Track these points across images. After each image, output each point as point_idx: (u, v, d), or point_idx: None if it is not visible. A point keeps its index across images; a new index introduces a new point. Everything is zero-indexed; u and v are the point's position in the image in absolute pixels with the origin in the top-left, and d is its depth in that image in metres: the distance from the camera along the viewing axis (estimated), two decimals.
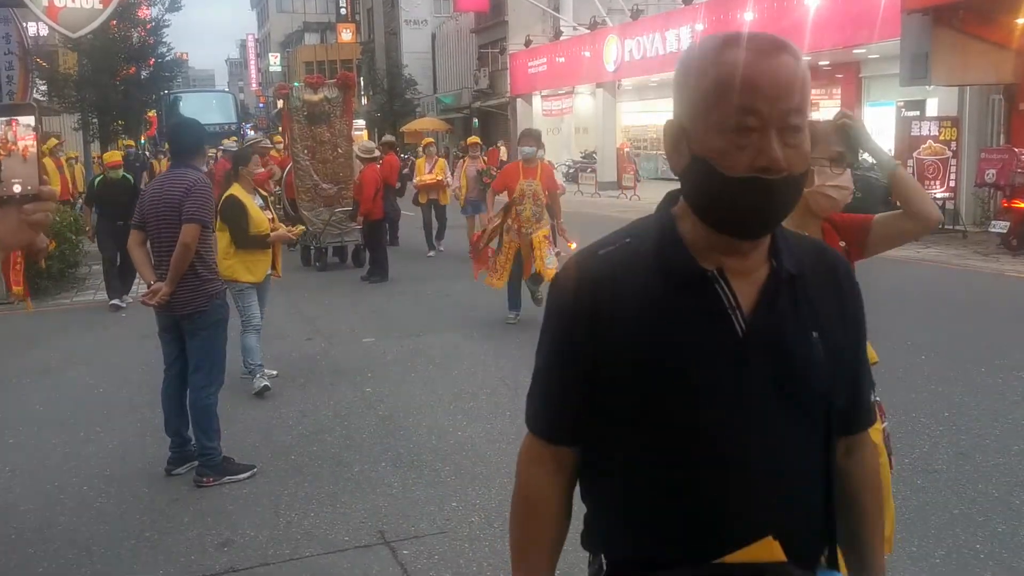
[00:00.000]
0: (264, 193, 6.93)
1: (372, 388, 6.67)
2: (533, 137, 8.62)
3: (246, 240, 6.24)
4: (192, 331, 4.97)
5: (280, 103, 13.57)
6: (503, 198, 8.97)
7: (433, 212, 14.21)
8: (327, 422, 5.87)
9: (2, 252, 1.40)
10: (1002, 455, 5.00)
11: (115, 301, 10.22)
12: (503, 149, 29.01)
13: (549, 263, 8.30)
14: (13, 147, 1.34)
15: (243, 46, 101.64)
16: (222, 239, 6.16)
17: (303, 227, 6.51)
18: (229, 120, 34.36)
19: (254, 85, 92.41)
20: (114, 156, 10.96)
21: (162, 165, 15.50)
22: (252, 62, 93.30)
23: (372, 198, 11.76)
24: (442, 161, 14.38)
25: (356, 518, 4.41)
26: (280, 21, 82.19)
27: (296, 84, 12.91)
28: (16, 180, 1.35)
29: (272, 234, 6.45)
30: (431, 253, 14.11)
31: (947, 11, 13.51)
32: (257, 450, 5.36)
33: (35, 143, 1.36)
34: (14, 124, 1.34)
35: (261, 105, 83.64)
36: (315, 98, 12.02)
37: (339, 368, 7.29)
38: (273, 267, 6.73)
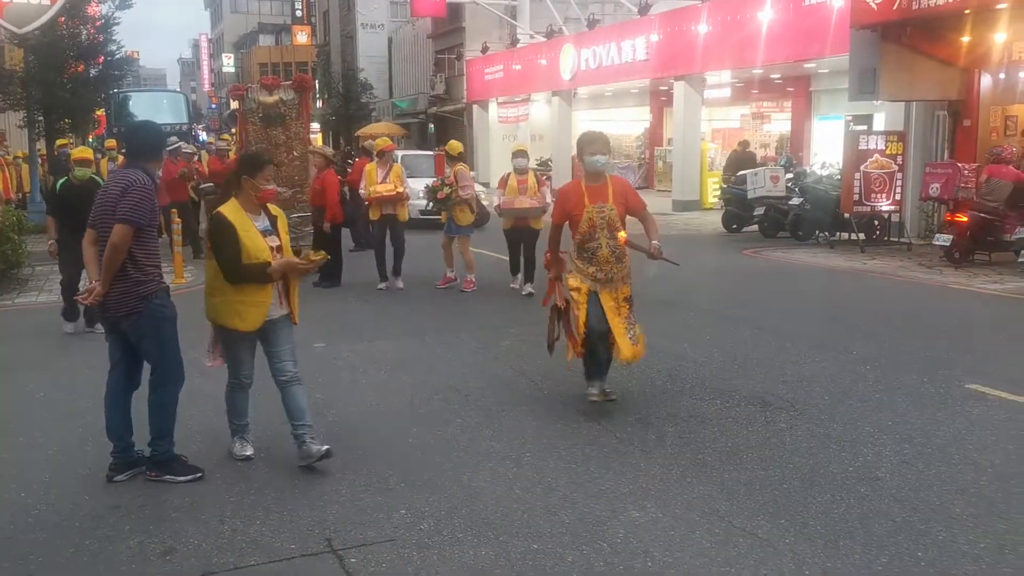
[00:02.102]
0: (275, 212, 5.12)
1: (322, 394, 6.59)
2: (601, 142, 5.99)
3: (235, 271, 4.78)
4: (134, 334, 4.91)
5: (235, 104, 13.37)
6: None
7: (388, 233, 11.34)
8: (275, 428, 5.78)
9: None
10: (944, 464, 5.11)
11: (68, 328, 8.89)
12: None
13: (631, 337, 6.04)
14: None
15: (196, 46, 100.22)
16: (209, 268, 4.95)
17: (325, 254, 5.24)
18: (180, 120, 33.79)
19: (207, 86, 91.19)
20: (83, 152, 9.21)
21: (101, 164, 15.09)
22: (205, 62, 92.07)
23: (339, 202, 11.62)
24: (398, 167, 11.36)
25: (303, 526, 4.35)
26: (234, 21, 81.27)
27: (250, 86, 12.64)
28: None
29: (274, 263, 4.84)
30: (381, 286, 11.35)
31: (895, 28, 13.82)
32: (203, 455, 5.27)
33: None
34: None
35: (214, 106, 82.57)
36: (270, 100, 11.86)
37: None
38: (288, 309, 5.12)
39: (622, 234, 5.91)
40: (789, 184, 16.75)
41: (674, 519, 4.36)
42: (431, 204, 11.35)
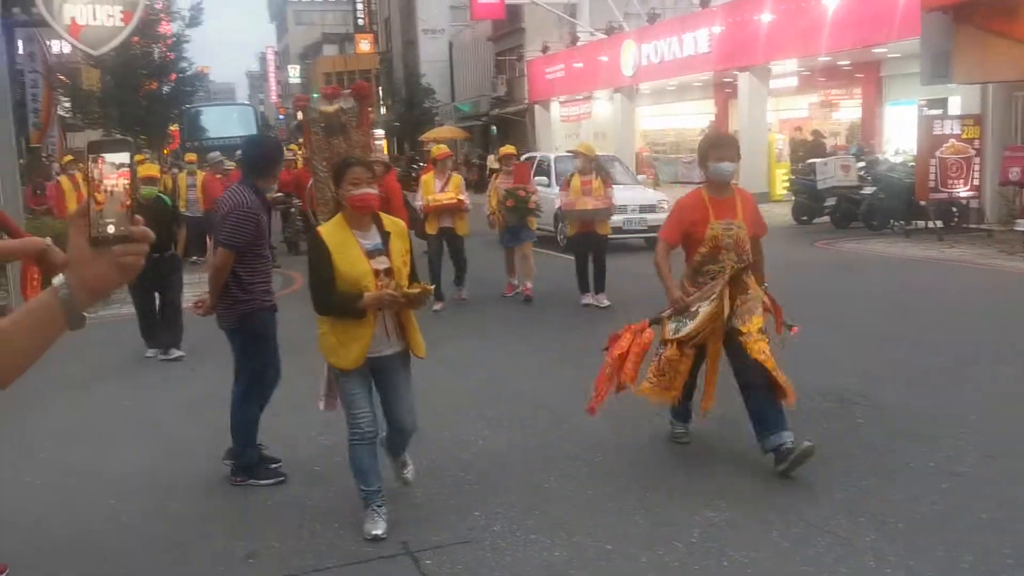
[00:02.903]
0: (392, 226, 4.29)
1: None
2: (730, 146, 5.06)
3: (325, 301, 4.16)
4: (231, 344, 5.20)
5: (299, 115, 13.59)
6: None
7: (446, 247, 10.41)
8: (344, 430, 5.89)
9: (93, 296, 1.35)
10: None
11: (150, 353, 8.56)
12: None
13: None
14: (103, 186, 1.29)
15: (263, 59, 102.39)
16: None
17: (430, 286, 4.35)
18: (250, 132, 34.56)
19: (274, 97, 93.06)
20: (148, 169, 8.65)
21: (179, 179, 15.50)
22: (272, 74, 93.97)
23: (404, 207, 11.44)
24: (457, 177, 10.48)
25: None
26: (299, 33, 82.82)
27: (315, 95, 12.84)
28: (109, 220, 1.31)
29: (367, 295, 4.05)
30: (437, 307, 10.12)
31: (968, 8, 13.40)
32: (282, 461, 5.39)
33: (129, 182, 1.31)
34: (100, 162, 1.30)
35: (281, 117, 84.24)
36: (330, 109, 11.97)
37: None
38: (403, 344, 4.37)
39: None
40: (861, 173, 16.37)
41: (749, 518, 4.31)
42: (507, 216, 10.53)
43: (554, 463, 5.22)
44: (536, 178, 13.11)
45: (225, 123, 33.61)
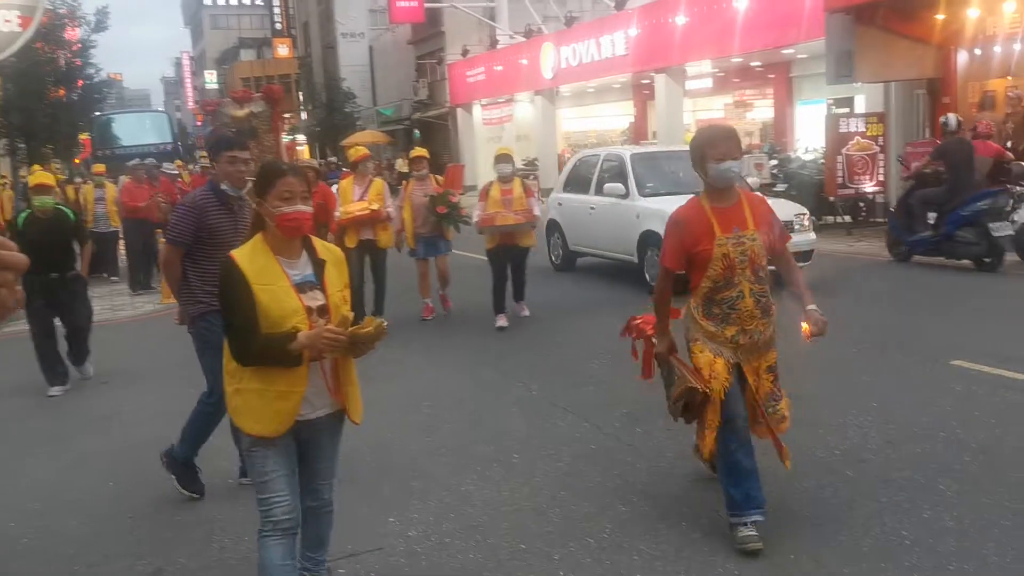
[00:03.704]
0: (327, 253, 3.33)
1: None
2: (731, 142, 4.02)
3: (245, 347, 3.11)
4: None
5: (240, 113, 13.19)
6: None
7: (367, 262, 9.21)
8: None
9: None
10: (928, 442, 5.13)
11: (54, 391, 7.58)
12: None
13: (772, 412, 4.18)
14: None
15: (178, 64, 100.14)
16: (226, 351, 3.27)
17: (381, 321, 3.16)
18: (165, 140, 33.61)
19: (191, 104, 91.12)
20: (40, 177, 7.83)
21: (85, 192, 14.89)
22: (188, 80, 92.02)
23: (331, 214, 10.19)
24: (379, 182, 9.23)
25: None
26: (215, 38, 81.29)
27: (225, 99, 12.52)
28: None
29: (302, 335, 3.04)
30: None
31: (868, 9, 13.86)
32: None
33: None
34: None
35: (199, 124, 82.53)
36: (241, 113, 11.75)
37: None
38: (339, 404, 3.34)
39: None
40: (773, 171, 16.78)
41: (661, 512, 4.38)
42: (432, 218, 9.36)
43: (471, 465, 5.22)
44: (609, 184, 11.22)
45: (139, 131, 32.72)
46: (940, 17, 13.75)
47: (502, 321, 9.07)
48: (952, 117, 11.64)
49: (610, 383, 6.72)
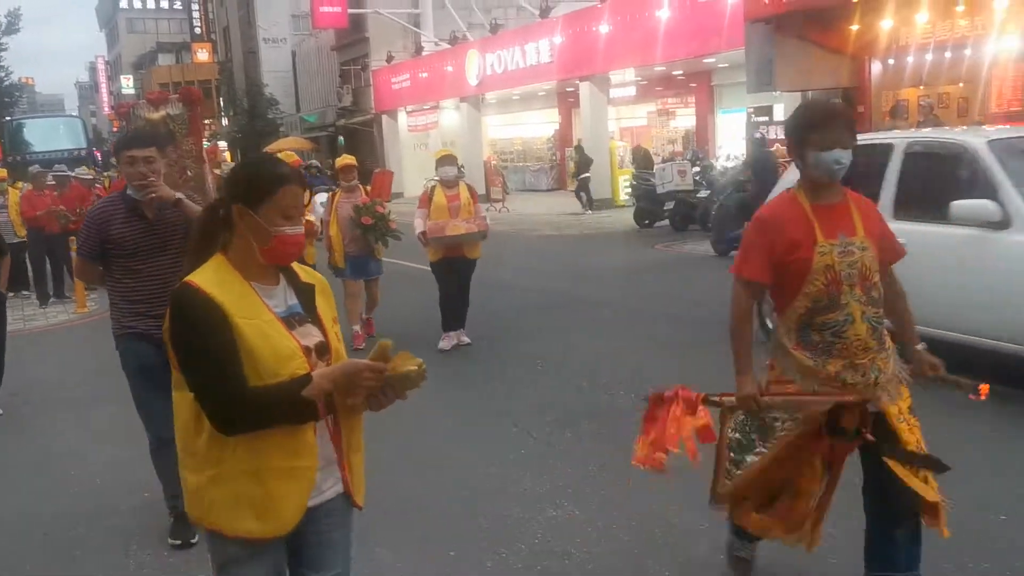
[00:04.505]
0: (311, 278, 2.47)
1: None
2: (839, 124, 3.09)
3: (239, 405, 2.15)
4: None
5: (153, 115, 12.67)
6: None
7: None
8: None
9: None
10: None
11: None
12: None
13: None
14: None
15: (93, 69, 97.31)
16: (179, 406, 2.30)
17: (415, 367, 2.21)
18: (79, 146, 32.53)
19: (106, 109, 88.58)
20: None
21: None
22: (103, 85, 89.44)
23: None
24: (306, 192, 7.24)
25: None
26: (132, 42, 79.25)
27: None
28: None
29: (318, 375, 2.21)
30: None
31: (787, 19, 14.21)
32: (109, 490, 5.05)
33: None
34: None
35: (115, 130, 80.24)
36: (156, 116, 11.27)
37: None
38: (344, 480, 2.42)
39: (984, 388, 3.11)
40: (696, 177, 17.06)
41: (592, 515, 4.35)
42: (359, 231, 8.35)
43: (405, 467, 5.12)
44: (964, 204, 7.82)
45: (51, 136, 31.62)
46: (855, 28, 14.16)
47: (445, 343, 8.10)
48: (761, 134, 14.05)
49: (540, 388, 6.69)
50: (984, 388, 3.10)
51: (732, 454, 3.27)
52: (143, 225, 4.20)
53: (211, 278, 2.22)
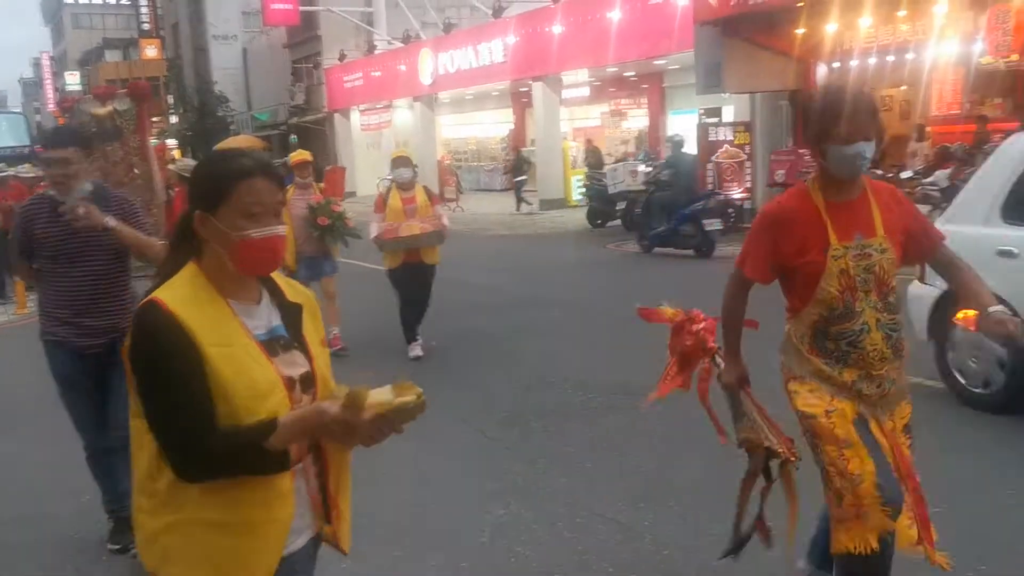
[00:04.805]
0: (296, 294, 2.13)
1: None
2: (864, 114, 2.78)
3: (200, 451, 1.82)
4: None
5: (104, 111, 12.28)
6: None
7: None
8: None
9: None
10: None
11: None
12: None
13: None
14: None
15: (37, 65, 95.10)
16: (135, 438, 1.95)
17: (412, 398, 1.84)
18: (21, 143, 31.76)
19: (51, 106, 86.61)
20: None
21: None
22: (48, 82, 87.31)
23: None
24: None
25: None
26: (78, 38, 77.56)
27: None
28: None
29: (286, 420, 1.85)
30: None
31: (735, 22, 14.41)
32: (46, 495, 4.96)
33: None
34: None
35: (60, 126, 78.51)
36: (103, 111, 10.89)
37: None
38: (323, 524, 2.18)
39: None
40: (648, 177, 17.21)
41: (537, 513, 4.38)
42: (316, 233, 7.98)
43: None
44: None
45: None
46: (801, 32, 14.40)
47: (417, 350, 7.80)
48: (680, 136, 14.91)
49: (489, 387, 6.71)
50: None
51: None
52: (67, 228, 3.92)
53: (181, 294, 1.89)
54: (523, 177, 22.89)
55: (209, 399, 1.81)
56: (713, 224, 13.02)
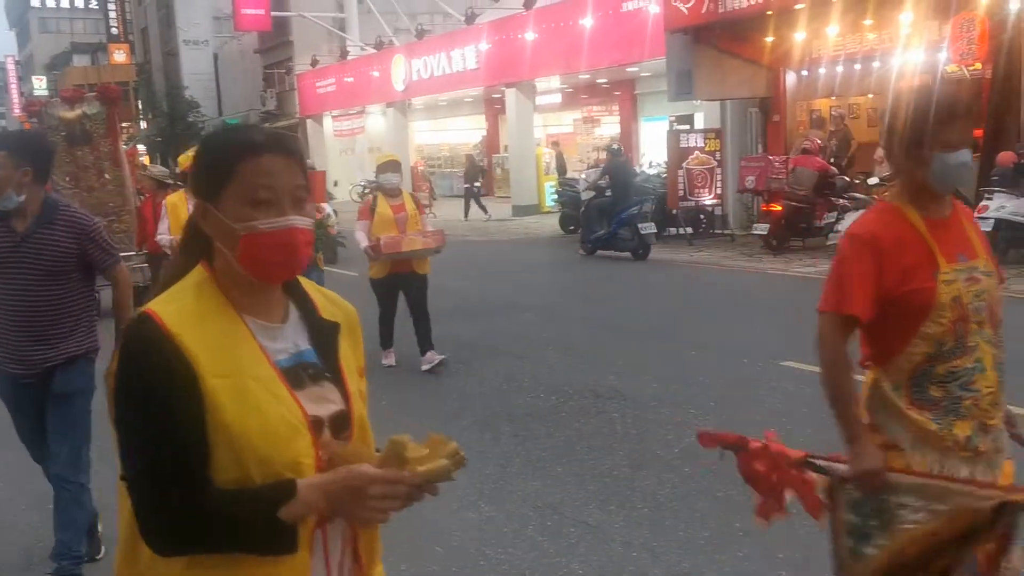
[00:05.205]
0: (335, 310, 1.71)
1: None
2: (964, 118, 2.41)
3: (171, 518, 1.40)
4: None
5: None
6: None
7: None
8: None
9: None
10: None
11: None
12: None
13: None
14: None
15: (2, 69, 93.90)
16: (122, 503, 1.49)
17: (448, 460, 1.48)
18: None
19: (16, 111, 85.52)
20: None
21: None
22: (13, 86, 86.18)
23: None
24: None
25: None
26: (44, 42, 76.72)
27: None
28: None
29: (306, 488, 1.43)
30: None
31: (705, 30, 14.54)
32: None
33: None
34: None
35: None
36: (72, 115, 10.64)
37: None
38: None
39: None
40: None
41: (508, 516, 4.39)
42: None
43: None
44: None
45: None
46: (769, 40, 14.57)
47: (390, 359, 7.68)
48: (617, 145, 15.86)
49: (460, 390, 6.71)
50: None
51: (850, 542, 2.38)
52: (8, 238, 3.63)
53: (183, 307, 1.47)
54: (477, 183, 23.11)
55: (203, 446, 1.40)
56: (648, 228, 13.73)
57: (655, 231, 13.95)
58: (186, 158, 7.76)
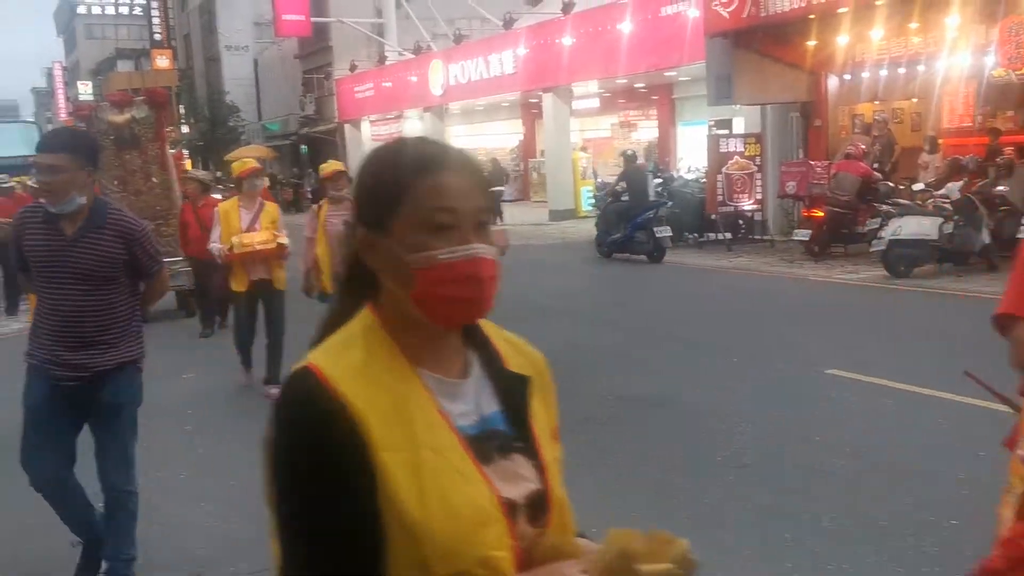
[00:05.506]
0: (522, 360, 1.39)
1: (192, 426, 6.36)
2: None
3: None
4: None
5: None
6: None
7: (261, 310, 7.18)
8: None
9: None
10: (805, 443, 5.33)
11: None
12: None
13: None
14: None
15: (50, 75, 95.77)
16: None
17: (674, 565, 1.13)
18: (33, 152, 32.07)
19: (63, 115, 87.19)
20: None
21: None
22: (60, 91, 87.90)
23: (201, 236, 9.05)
24: (272, 207, 7.19)
25: (171, 563, 4.17)
26: (90, 48, 78.16)
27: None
28: None
29: None
30: (243, 381, 7.46)
31: (746, 35, 14.43)
32: None
33: None
34: None
35: None
36: (121, 119, 10.72)
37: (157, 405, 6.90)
38: None
39: None
40: (658, 189, 17.22)
41: None
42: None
43: None
44: None
45: (5, 142, 31.04)
46: (812, 44, 14.42)
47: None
48: (632, 151, 16.27)
49: None
50: None
51: None
52: (57, 241, 3.57)
53: (350, 361, 1.21)
54: (501, 188, 23.09)
55: (377, 538, 1.14)
56: (663, 231, 14.12)
57: (670, 234, 14.28)
58: (241, 163, 7.48)
